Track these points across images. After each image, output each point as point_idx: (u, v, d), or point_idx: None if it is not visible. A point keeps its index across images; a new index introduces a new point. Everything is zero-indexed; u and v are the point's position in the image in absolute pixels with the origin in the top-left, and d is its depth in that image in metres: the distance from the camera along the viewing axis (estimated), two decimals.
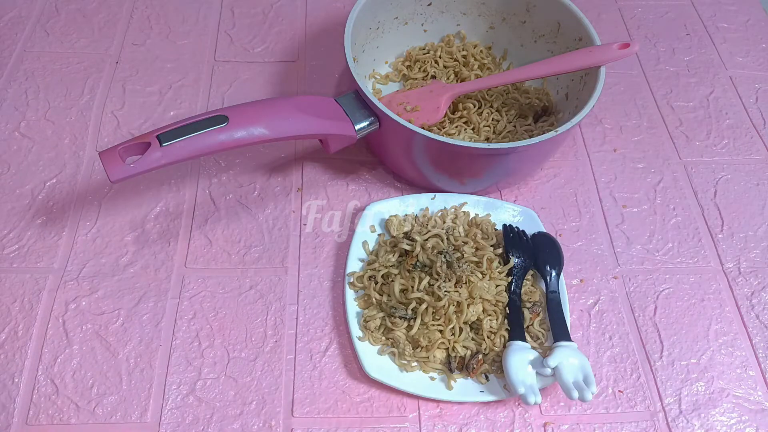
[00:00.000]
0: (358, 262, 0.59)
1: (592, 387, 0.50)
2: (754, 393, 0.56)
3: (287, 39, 0.78)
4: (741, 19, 0.87)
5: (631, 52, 0.61)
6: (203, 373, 0.53)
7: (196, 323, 0.56)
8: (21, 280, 0.57)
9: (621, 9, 0.86)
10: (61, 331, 0.54)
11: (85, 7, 0.79)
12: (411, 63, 0.73)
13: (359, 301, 0.57)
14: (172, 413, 0.51)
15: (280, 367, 0.54)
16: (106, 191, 0.63)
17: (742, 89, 0.78)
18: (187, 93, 0.72)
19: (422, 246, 0.57)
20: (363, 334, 0.54)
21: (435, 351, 0.54)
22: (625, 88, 0.77)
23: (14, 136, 0.66)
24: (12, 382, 0.52)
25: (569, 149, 0.71)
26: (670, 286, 0.61)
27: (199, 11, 0.80)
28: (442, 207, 0.62)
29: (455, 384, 0.53)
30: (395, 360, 0.54)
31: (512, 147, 0.56)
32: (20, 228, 0.60)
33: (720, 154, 0.72)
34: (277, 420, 0.52)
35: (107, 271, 0.58)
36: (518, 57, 0.74)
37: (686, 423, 0.54)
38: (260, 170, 0.66)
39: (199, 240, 0.61)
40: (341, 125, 0.57)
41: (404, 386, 0.52)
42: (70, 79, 0.71)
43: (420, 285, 0.54)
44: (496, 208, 0.63)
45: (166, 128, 0.49)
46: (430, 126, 0.64)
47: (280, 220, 0.63)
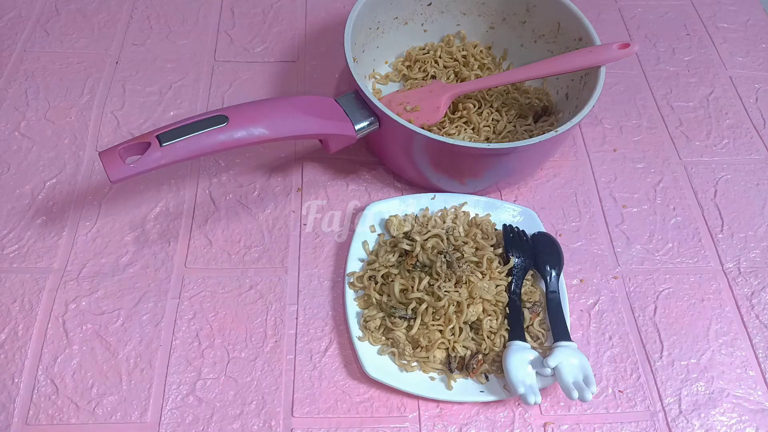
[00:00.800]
0: (358, 262, 0.59)
1: (592, 387, 0.50)
2: (754, 393, 0.56)
3: (287, 39, 0.78)
4: (741, 19, 0.87)
5: (631, 52, 0.61)
6: (203, 373, 0.53)
7: (196, 323, 0.56)
8: (21, 280, 0.57)
9: (621, 9, 0.86)
10: (61, 331, 0.54)
11: (85, 7, 0.79)
12: (411, 63, 0.73)
13: (359, 301, 0.57)
14: (172, 413, 0.51)
15: (280, 367, 0.54)
16: (106, 191, 0.63)
17: (742, 89, 0.78)
18: (187, 93, 0.72)
19: (422, 246, 0.57)
20: (363, 334, 0.54)
21: (435, 351, 0.54)
22: (625, 88, 0.77)
23: (14, 136, 0.66)
24: (12, 382, 0.52)
25: (569, 149, 0.71)
26: (670, 286, 0.61)
27: (199, 11, 0.80)
28: (442, 207, 0.62)
29: (455, 384, 0.53)
30: (395, 360, 0.54)
31: (512, 147, 0.56)
32: (20, 228, 0.60)
33: (720, 154, 0.72)
34: (277, 420, 0.52)
35: (107, 271, 0.58)
36: (518, 57, 0.74)
37: (686, 423, 0.54)
38: (260, 170, 0.66)
39: (199, 240, 0.61)
40: (341, 125, 0.57)
41: (404, 386, 0.52)
42: (70, 79, 0.72)
43: (420, 285, 0.54)
44: (496, 208, 0.63)
45: (166, 128, 0.49)
46: (430, 126, 0.64)
47: (280, 220, 0.63)
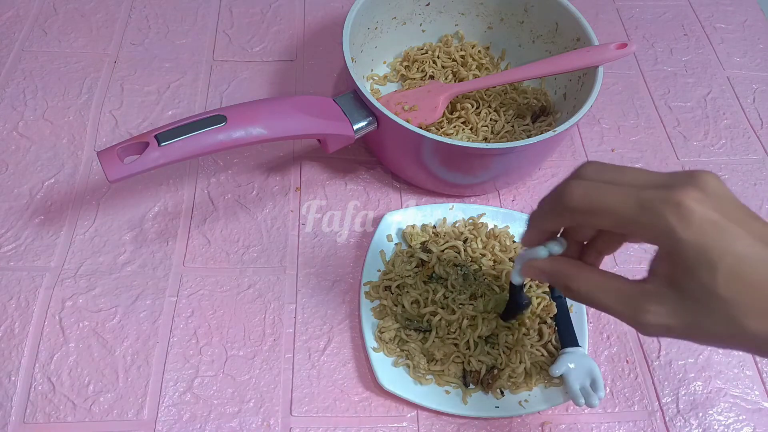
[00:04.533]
0: (375, 272, 0.58)
1: (600, 392, 0.49)
2: (751, 393, 0.56)
3: (286, 39, 0.78)
4: (738, 19, 0.87)
5: (629, 52, 0.61)
6: (201, 370, 0.53)
7: (194, 321, 0.56)
8: (18, 277, 0.57)
9: (619, 9, 0.87)
10: (57, 328, 0.54)
11: (83, 7, 0.79)
12: (409, 63, 0.74)
13: (374, 311, 0.56)
14: (169, 410, 0.51)
15: (278, 365, 0.54)
16: (104, 191, 0.63)
17: (739, 89, 0.78)
18: (185, 92, 0.72)
19: (438, 257, 0.56)
20: (378, 345, 0.54)
21: (450, 365, 0.53)
22: (622, 88, 0.78)
23: (12, 135, 0.66)
24: (9, 381, 0.52)
25: (567, 149, 0.71)
26: None
27: (197, 11, 0.80)
28: (460, 217, 0.62)
29: (470, 399, 0.52)
30: (410, 372, 0.53)
31: (510, 147, 0.56)
32: (18, 227, 0.60)
33: (717, 154, 0.72)
34: (275, 418, 0.52)
35: (105, 270, 0.58)
36: (516, 57, 0.74)
37: (684, 422, 0.54)
38: (258, 170, 0.66)
39: (197, 239, 0.61)
40: (339, 125, 0.57)
41: (419, 399, 0.51)
42: (68, 79, 0.72)
43: (435, 297, 0.54)
44: (515, 219, 0.62)
45: (164, 128, 0.49)
46: (427, 126, 0.64)
47: (278, 220, 0.63)
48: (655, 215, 0.31)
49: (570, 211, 0.35)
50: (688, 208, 0.31)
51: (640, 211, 0.32)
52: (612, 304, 0.35)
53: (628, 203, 0.32)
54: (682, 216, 0.31)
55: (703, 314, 0.32)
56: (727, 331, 0.32)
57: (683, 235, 0.31)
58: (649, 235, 0.32)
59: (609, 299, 0.35)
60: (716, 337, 0.33)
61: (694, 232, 0.31)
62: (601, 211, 0.33)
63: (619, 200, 0.33)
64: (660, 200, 0.31)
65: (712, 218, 0.31)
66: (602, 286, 0.36)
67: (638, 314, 0.34)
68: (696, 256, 0.31)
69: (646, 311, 0.33)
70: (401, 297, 0.55)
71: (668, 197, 0.31)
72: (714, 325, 0.32)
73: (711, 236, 0.30)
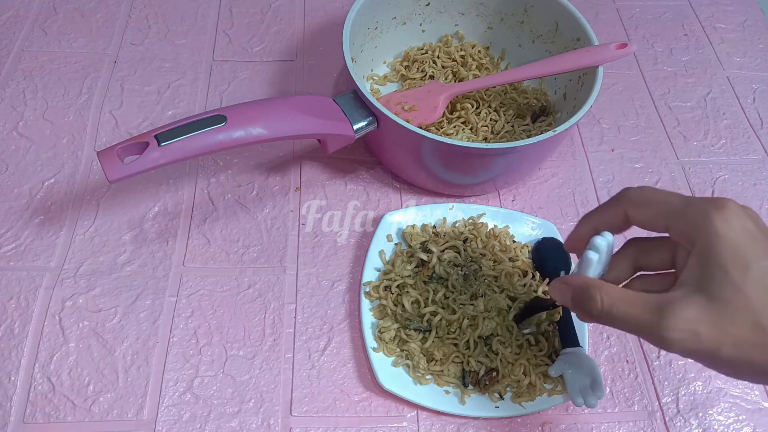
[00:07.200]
0: (375, 272, 0.58)
1: (598, 392, 0.49)
2: (750, 393, 0.56)
3: (285, 38, 0.78)
4: (738, 19, 0.87)
5: (629, 52, 0.61)
6: (201, 370, 0.53)
7: (194, 321, 0.56)
8: (17, 277, 0.57)
9: (619, 9, 0.87)
10: (57, 328, 0.54)
11: (83, 7, 0.79)
12: (409, 63, 0.74)
13: (374, 311, 0.56)
14: (169, 410, 0.51)
15: (278, 365, 0.54)
16: (104, 191, 0.63)
17: (739, 89, 0.79)
18: (185, 92, 0.72)
19: (438, 258, 0.56)
20: (378, 344, 0.54)
21: (449, 365, 0.53)
22: (622, 88, 0.78)
23: (12, 136, 0.66)
24: (9, 381, 0.52)
25: (567, 149, 0.71)
26: None
27: (197, 11, 0.80)
28: (460, 217, 0.62)
29: (469, 399, 0.52)
30: (410, 372, 0.53)
31: (510, 147, 0.56)
32: (18, 227, 0.60)
33: (717, 154, 0.72)
34: (275, 418, 0.52)
35: (105, 270, 0.58)
36: (516, 57, 0.74)
37: (684, 422, 0.54)
38: (258, 170, 0.66)
39: (197, 239, 0.61)
40: (339, 125, 0.57)
41: (418, 399, 0.51)
42: (68, 79, 0.72)
43: (435, 297, 0.54)
44: (515, 220, 0.62)
45: (164, 128, 0.49)
46: (427, 126, 0.64)
47: (278, 220, 0.63)
48: (700, 211, 0.35)
49: (627, 200, 0.38)
50: (730, 210, 0.34)
51: (686, 206, 0.35)
52: (637, 313, 0.35)
53: (677, 200, 0.36)
54: (724, 217, 0.34)
55: (731, 317, 0.32)
56: (752, 338, 0.32)
57: (723, 231, 0.33)
58: (690, 230, 0.35)
59: (635, 309, 0.35)
60: (740, 348, 0.32)
61: (733, 231, 0.33)
62: (653, 202, 0.37)
63: (669, 197, 0.37)
64: (705, 201, 0.35)
65: (751, 227, 0.34)
66: (627, 297, 0.36)
67: (664, 322, 0.33)
68: (731, 253, 0.33)
69: (673, 316, 0.33)
70: (401, 297, 0.55)
71: (713, 200, 0.35)
72: (740, 329, 0.32)
73: (748, 241, 0.33)
